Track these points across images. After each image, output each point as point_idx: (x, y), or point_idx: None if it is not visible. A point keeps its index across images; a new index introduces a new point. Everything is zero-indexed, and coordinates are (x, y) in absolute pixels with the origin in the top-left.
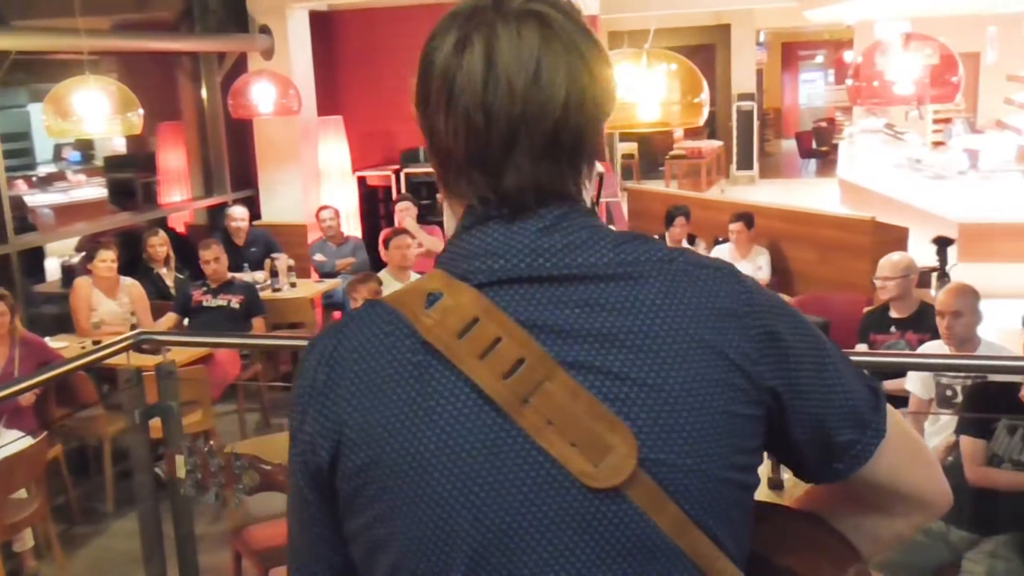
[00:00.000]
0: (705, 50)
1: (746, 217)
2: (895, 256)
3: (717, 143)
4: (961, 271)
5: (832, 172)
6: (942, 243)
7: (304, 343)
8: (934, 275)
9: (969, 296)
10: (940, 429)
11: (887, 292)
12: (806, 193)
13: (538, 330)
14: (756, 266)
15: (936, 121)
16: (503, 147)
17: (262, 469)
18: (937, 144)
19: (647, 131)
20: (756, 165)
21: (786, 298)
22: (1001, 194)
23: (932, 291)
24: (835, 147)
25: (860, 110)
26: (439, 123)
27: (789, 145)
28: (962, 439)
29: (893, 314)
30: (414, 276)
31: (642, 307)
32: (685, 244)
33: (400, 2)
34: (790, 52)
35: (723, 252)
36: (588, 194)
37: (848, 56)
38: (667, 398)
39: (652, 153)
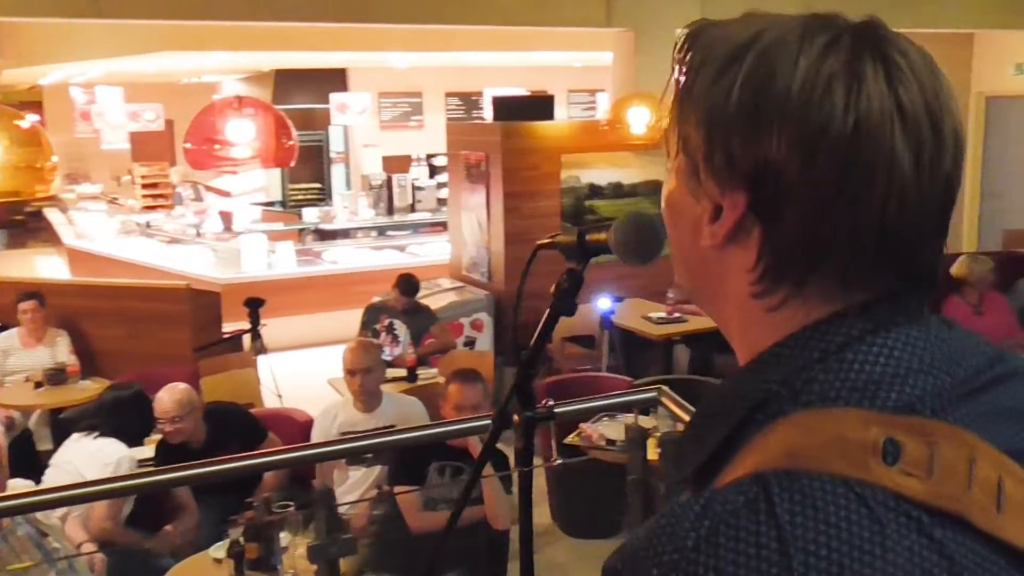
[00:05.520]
0: None
1: (38, 295)
2: (167, 400)
3: None
4: (272, 330)
5: (25, 243)
6: (254, 304)
7: None
8: (246, 337)
9: (374, 351)
10: (354, 486)
11: (181, 435)
12: (17, 263)
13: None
14: (57, 351)
15: (145, 186)
16: (936, 217)
17: None
18: (150, 208)
19: None
20: None
21: (103, 382)
22: (255, 253)
23: (247, 350)
24: (32, 216)
25: (61, 178)
26: (828, 185)
27: None
28: (398, 490)
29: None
30: None
31: None
32: None
33: None
34: None
35: (11, 338)
36: None
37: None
38: None
39: None
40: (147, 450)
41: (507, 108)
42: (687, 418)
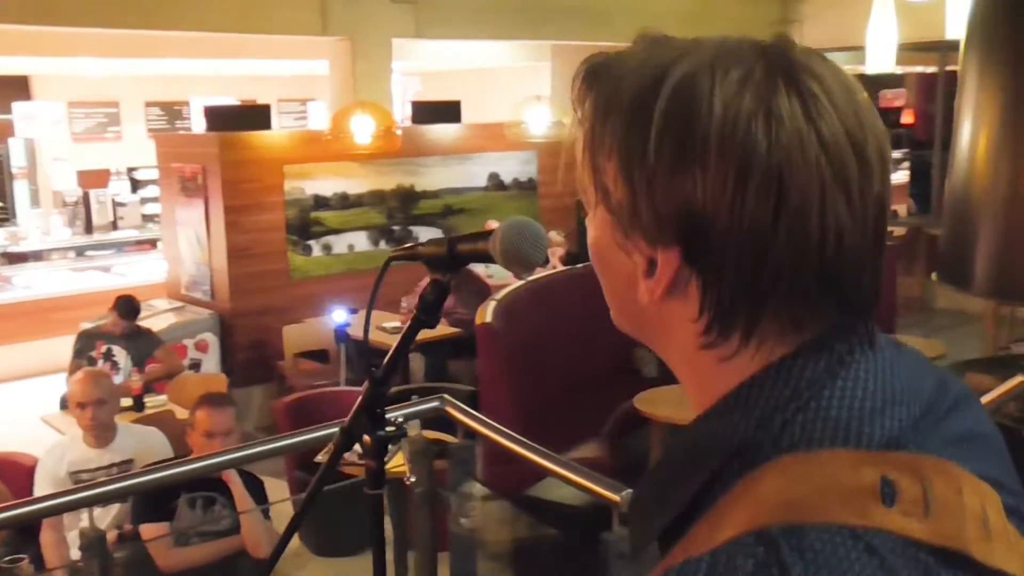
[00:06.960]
0: None
1: None
2: None
3: None
4: None
5: None
6: None
7: None
8: None
9: (106, 381)
10: (104, 515)
11: None
12: None
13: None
14: None
15: None
16: (873, 238)
17: None
18: None
19: None
20: None
21: None
22: None
23: None
24: None
25: None
26: (760, 228)
27: None
28: (143, 528)
29: None
30: None
31: (983, 429)
32: None
33: None
34: None
35: None
36: None
37: None
38: None
39: None
40: None
41: (221, 118)
42: (473, 425)
